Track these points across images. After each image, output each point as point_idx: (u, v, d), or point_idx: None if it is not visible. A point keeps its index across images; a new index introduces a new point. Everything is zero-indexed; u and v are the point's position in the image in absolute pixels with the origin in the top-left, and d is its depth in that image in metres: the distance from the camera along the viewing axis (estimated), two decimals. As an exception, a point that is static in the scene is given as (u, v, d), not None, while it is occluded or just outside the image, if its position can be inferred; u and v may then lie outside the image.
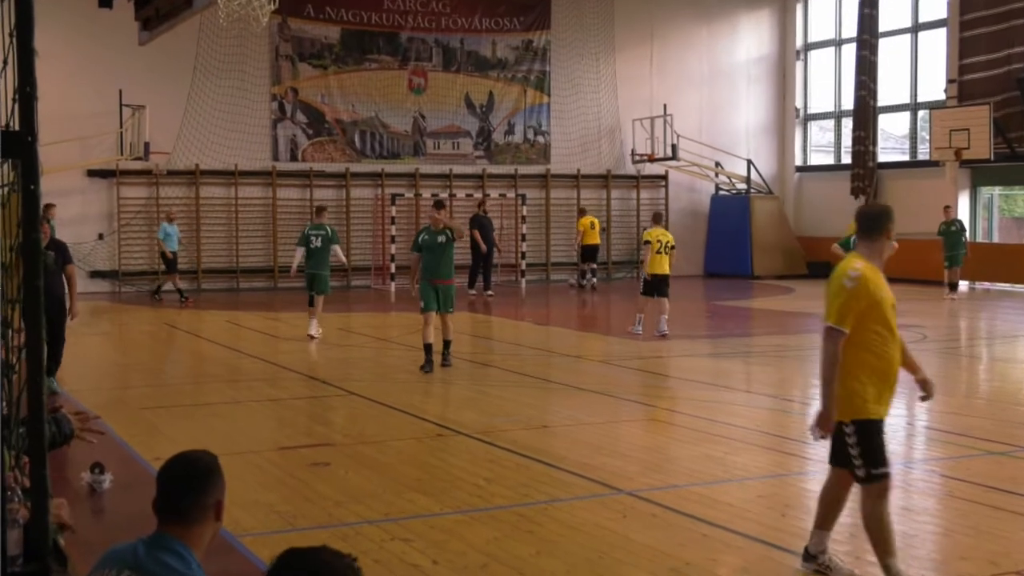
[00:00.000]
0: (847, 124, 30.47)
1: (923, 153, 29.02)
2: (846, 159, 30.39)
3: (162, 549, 3.16)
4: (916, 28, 29.06)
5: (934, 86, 28.47)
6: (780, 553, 6.29)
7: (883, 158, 29.73)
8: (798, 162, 32.59)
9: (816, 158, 32.77)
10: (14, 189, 3.23)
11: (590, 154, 30.30)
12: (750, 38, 32.27)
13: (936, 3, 28.43)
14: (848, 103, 30.22)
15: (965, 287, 25.91)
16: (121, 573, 3.12)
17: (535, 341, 17.52)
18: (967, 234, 25.22)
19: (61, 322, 11.56)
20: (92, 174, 25.63)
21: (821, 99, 32.28)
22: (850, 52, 29.97)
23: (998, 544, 6.47)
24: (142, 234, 25.84)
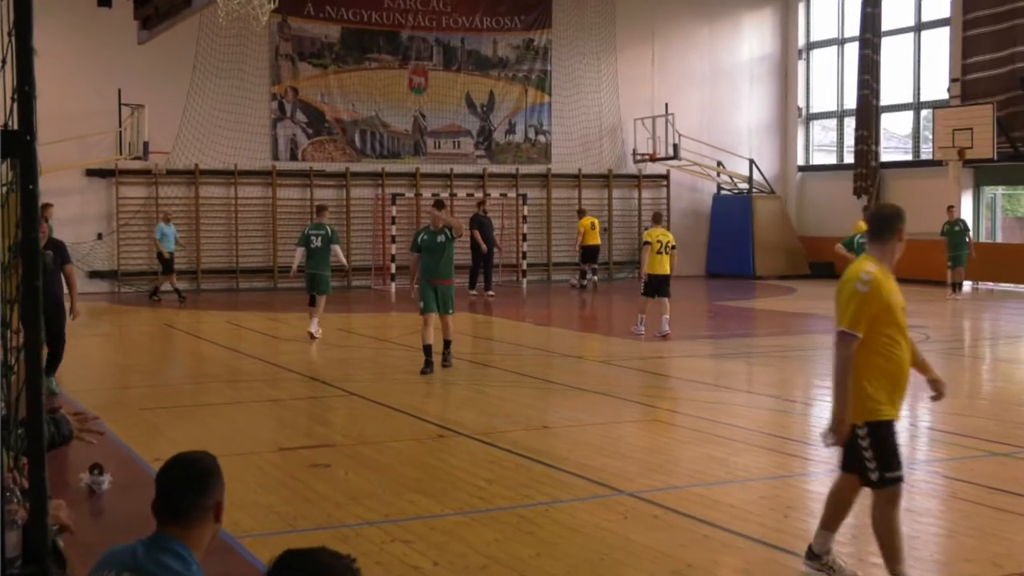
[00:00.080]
0: (850, 123, 30.47)
1: (926, 153, 28.94)
2: (849, 159, 30.36)
3: (162, 550, 3.16)
4: (919, 27, 29.00)
5: (937, 85, 28.41)
6: (782, 555, 6.29)
7: (886, 158, 29.71)
8: (800, 162, 32.52)
9: (818, 158, 32.69)
10: (12, 189, 3.22)
11: (591, 154, 30.23)
12: (752, 37, 32.17)
13: (939, 2, 28.33)
14: (851, 102, 30.18)
15: (968, 287, 25.80)
16: (120, 575, 3.13)
17: (536, 341, 17.49)
18: (970, 234, 25.12)
19: (60, 322, 11.53)
20: (91, 174, 25.56)
21: (823, 98, 32.19)
22: (853, 51, 29.92)
23: (1001, 546, 6.45)
24: (141, 234, 25.74)
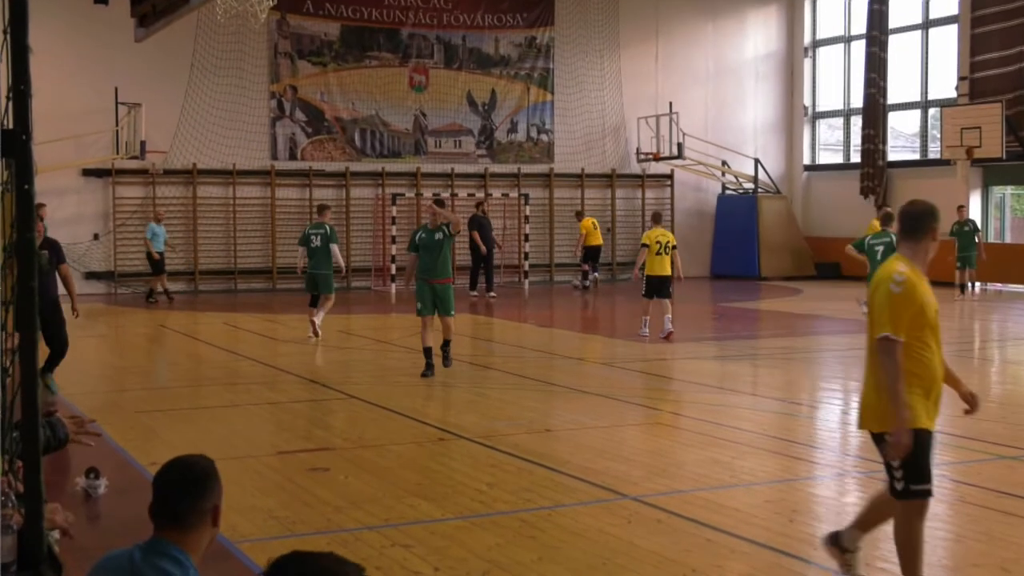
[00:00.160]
0: (856, 122, 30.38)
1: (934, 152, 28.89)
2: (855, 158, 30.28)
3: (159, 555, 3.16)
4: (927, 24, 28.93)
5: (945, 83, 28.29)
6: (788, 559, 6.24)
7: (893, 157, 29.59)
8: (806, 161, 32.40)
9: (825, 157, 32.61)
10: (7, 188, 3.22)
11: (594, 153, 30.11)
12: (757, 34, 32.05)
13: (947, -1, 28.24)
14: (857, 101, 30.05)
15: (976, 288, 25.56)
16: (117, 579, 3.13)
17: (538, 343, 17.37)
18: (980, 234, 24.98)
19: (59, 322, 11.53)
20: (87, 173, 25.46)
21: (830, 97, 32.11)
22: (859, 49, 29.80)
23: (1010, 550, 6.39)
24: (138, 235, 25.50)
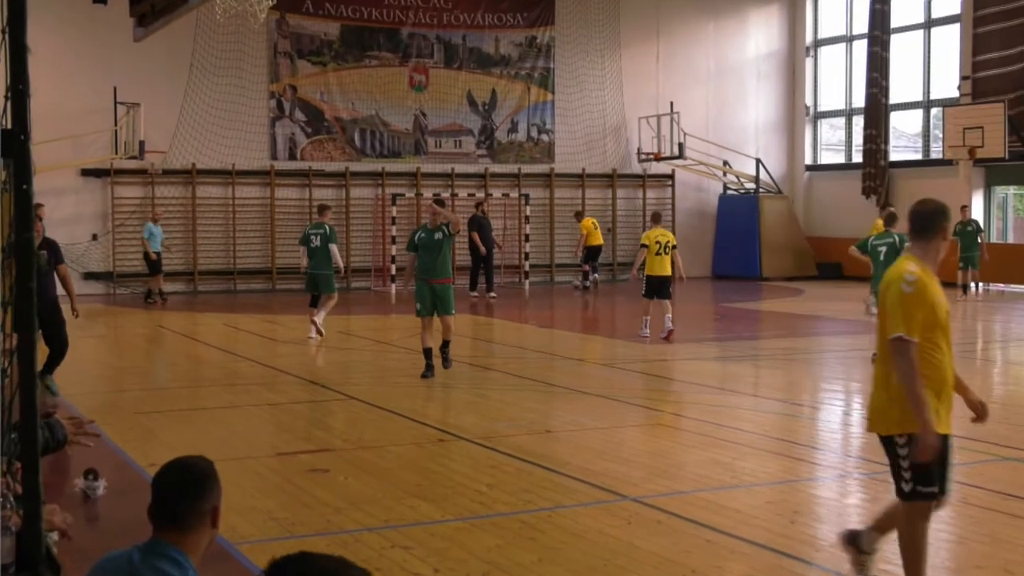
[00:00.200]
0: (858, 122, 30.29)
1: (936, 152, 28.82)
2: (857, 158, 30.22)
3: (158, 556, 3.15)
4: (929, 24, 28.83)
5: (947, 83, 28.18)
6: (789, 561, 6.22)
7: (895, 157, 29.53)
8: (808, 161, 32.31)
9: (826, 157, 32.52)
10: (6, 188, 3.22)
11: (595, 153, 30.02)
12: (759, 34, 31.96)
13: (949, -2, 28.17)
14: (859, 101, 29.98)
15: (973, 288, 25.44)
16: (117, 581, 3.12)
17: (538, 344, 17.30)
18: (983, 235, 24.89)
19: (59, 322, 11.49)
20: (86, 173, 25.38)
21: (832, 96, 32.00)
22: (861, 48, 29.73)
23: (1014, 552, 6.38)
24: (137, 235, 25.41)
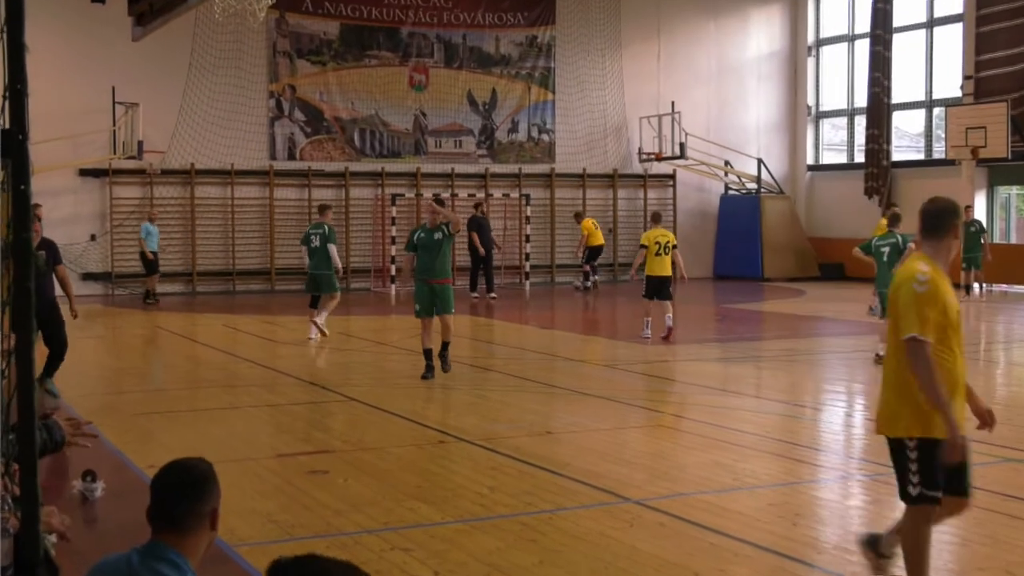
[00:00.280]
0: (860, 122, 30.24)
1: (938, 152, 28.72)
2: (859, 158, 30.15)
3: (157, 559, 3.14)
4: (931, 23, 28.78)
5: (950, 83, 28.12)
6: (791, 563, 6.20)
7: (897, 157, 29.47)
8: (810, 161, 32.25)
9: (828, 157, 32.46)
10: (3, 189, 3.21)
11: (596, 153, 29.94)
12: (760, 33, 31.90)
13: (952, -3, 28.11)
14: (861, 100, 29.94)
15: (981, 289, 25.37)
16: (115, 584, 3.10)
17: (539, 345, 17.21)
18: (986, 235, 24.81)
19: (58, 323, 11.44)
20: (84, 173, 25.33)
21: (834, 96, 31.94)
22: (863, 48, 29.66)
23: (1015, 554, 6.36)
24: (136, 235, 25.36)
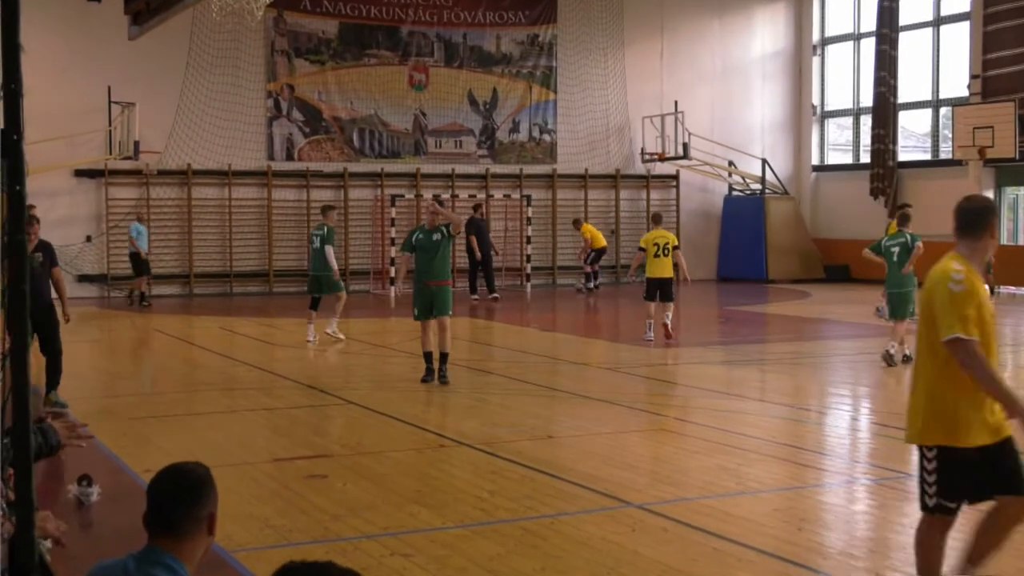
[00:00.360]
0: (866, 122, 30.06)
1: (945, 152, 28.57)
2: (865, 158, 30.00)
3: (153, 564, 3.13)
4: (938, 21, 28.64)
5: (957, 82, 27.95)
6: (796, 569, 6.20)
7: (904, 157, 29.31)
8: (815, 161, 32.10)
9: (834, 157, 32.30)
10: None
11: (598, 153, 29.79)
12: (764, 32, 31.76)
13: (959, -5, 27.96)
14: (867, 100, 29.76)
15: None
16: (111, 589, 3.09)
17: (540, 348, 17.06)
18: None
19: (54, 327, 11.32)
20: (80, 174, 25.20)
21: (839, 96, 31.80)
22: (869, 47, 29.50)
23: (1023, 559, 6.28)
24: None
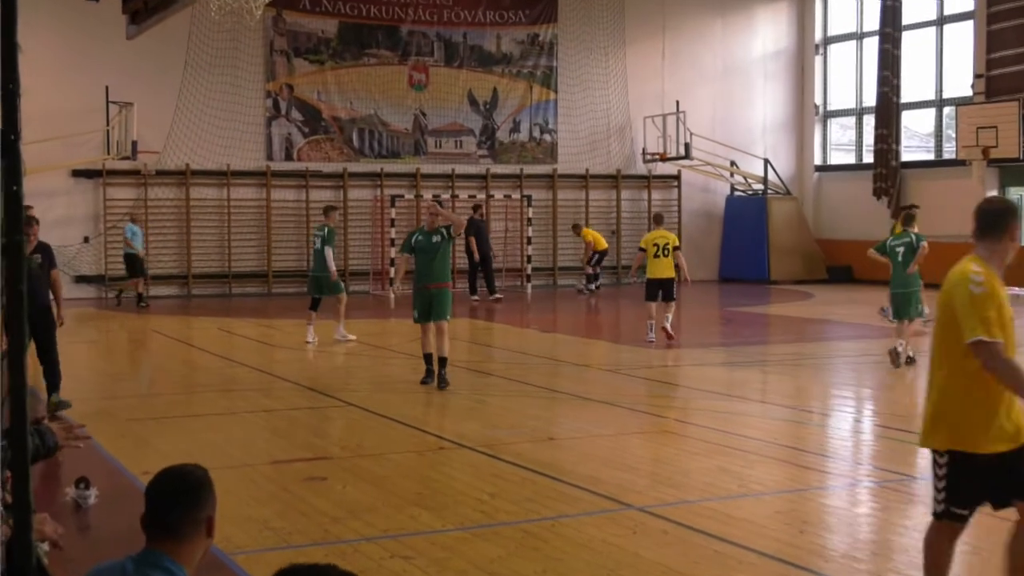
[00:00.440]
0: (869, 121, 29.99)
1: (949, 152, 28.49)
2: (868, 158, 29.91)
3: (151, 567, 3.13)
4: (941, 20, 28.53)
5: (960, 81, 27.83)
6: (798, 571, 6.20)
7: (907, 157, 29.21)
8: (817, 161, 32.00)
9: (836, 157, 32.23)
10: None
11: (599, 153, 29.71)
12: (767, 31, 31.68)
13: (962, -6, 27.87)
14: (870, 99, 29.63)
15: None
16: (109, 592, 3.09)
17: (541, 349, 16.98)
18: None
19: (51, 330, 11.23)
20: (77, 174, 25.13)
21: (842, 95, 31.72)
22: (872, 46, 29.38)
23: None
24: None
